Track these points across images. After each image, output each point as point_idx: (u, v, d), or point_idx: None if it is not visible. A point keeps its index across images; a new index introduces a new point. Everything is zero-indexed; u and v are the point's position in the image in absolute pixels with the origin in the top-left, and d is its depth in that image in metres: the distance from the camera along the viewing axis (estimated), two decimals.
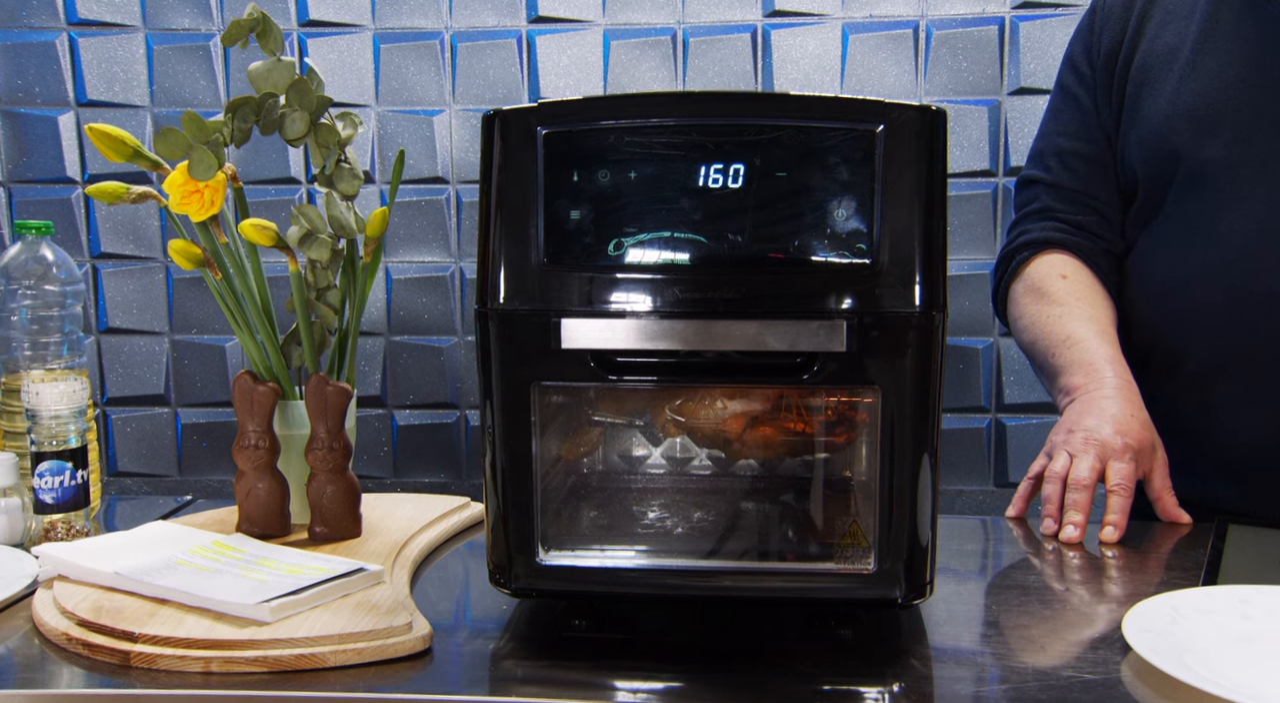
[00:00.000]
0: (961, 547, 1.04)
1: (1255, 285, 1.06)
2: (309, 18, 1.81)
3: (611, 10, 1.79)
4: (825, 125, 0.76)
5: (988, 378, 1.83)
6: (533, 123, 0.77)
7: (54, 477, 0.92)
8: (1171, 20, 1.17)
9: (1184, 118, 1.12)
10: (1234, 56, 1.11)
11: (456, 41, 1.81)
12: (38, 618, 0.80)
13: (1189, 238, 1.11)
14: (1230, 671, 0.71)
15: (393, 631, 0.76)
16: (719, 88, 1.79)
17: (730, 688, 0.72)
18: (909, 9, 1.76)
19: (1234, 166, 1.09)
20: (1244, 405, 1.08)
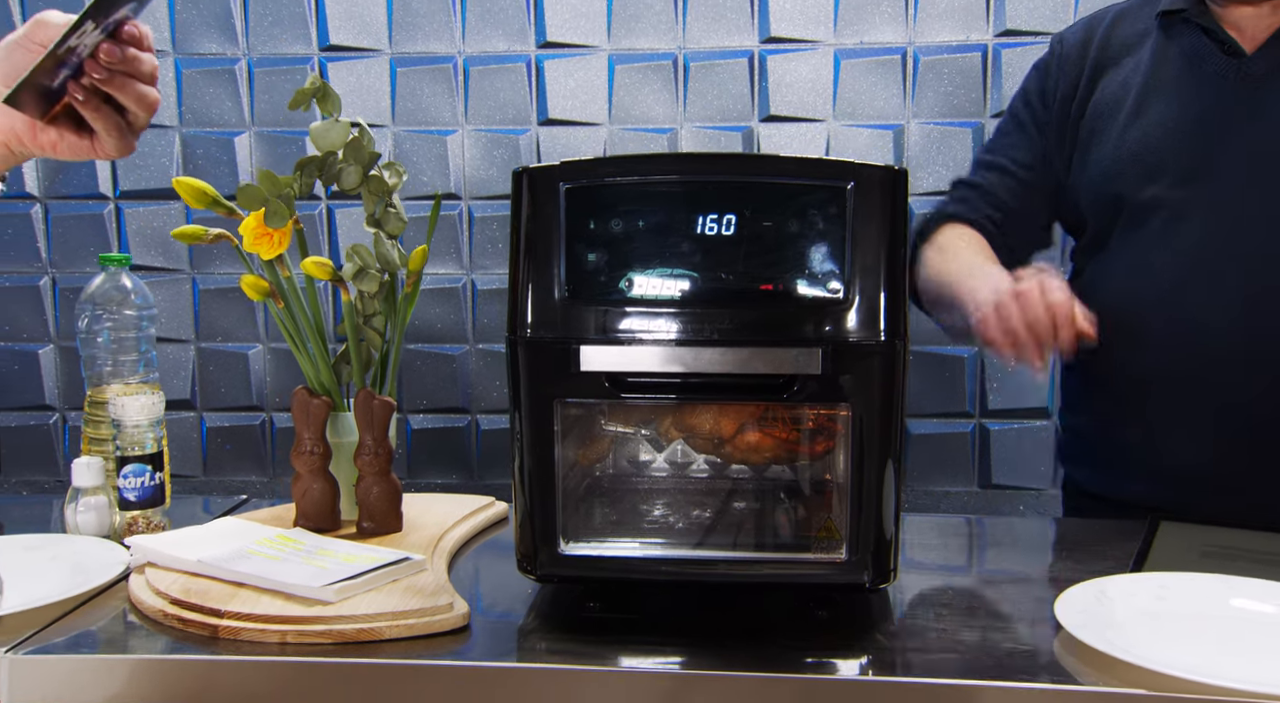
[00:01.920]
0: (925, 541, 1.21)
1: (1184, 315, 1.23)
2: (329, 43, 1.98)
3: (616, 36, 1.96)
4: (804, 182, 0.93)
5: (972, 386, 2.00)
6: (555, 179, 0.94)
7: (136, 478, 1.09)
8: (1119, 72, 1.34)
9: (1128, 163, 1.29)
10: (1173, 109, 1.28)
11: (469, 65, 1.98)
12: (135, 597, 0.97)
13: (1130, 271, 1.29)
14: (1143, 643, 0.88)
15: (437, 610, 0.94)
16: (718, 109, 1.96)
17: (723, 660, 0.89)
18: (897, 36, 1.93)
19: (1170, 208, 1.26)
20: (1176, 423, 1.25)
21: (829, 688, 0.87)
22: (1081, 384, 1.39)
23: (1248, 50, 1.26)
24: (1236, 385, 1.22)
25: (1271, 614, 0.91)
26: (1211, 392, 1.24)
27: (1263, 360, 1.20)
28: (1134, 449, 1.29)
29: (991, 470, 2.00)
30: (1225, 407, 1.23)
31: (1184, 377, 1.24)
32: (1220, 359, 1.21)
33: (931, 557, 1.17)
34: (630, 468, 1.10)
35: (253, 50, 1.99)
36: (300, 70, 1.99)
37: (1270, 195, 1.22)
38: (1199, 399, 1.24)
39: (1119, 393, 1.31)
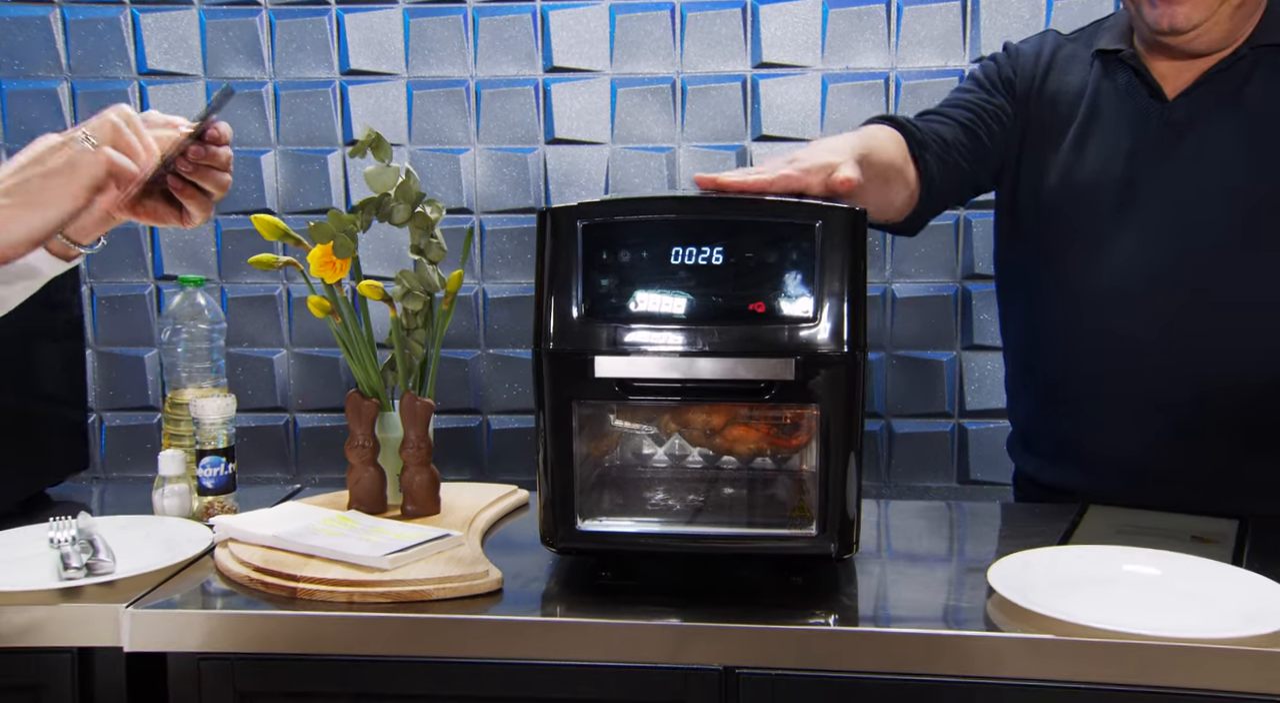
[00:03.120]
0: (887, 521, 1.47)
1: (1113, 329, 1.48)
2: (350, 67, 2.24)
3: (618, 62, 2.22)
4: (781, 221, 1.19)
5: (951, 387, 2.25)
6: (574, 217, 1.20)
7: (212, 468, 1.35)
8: (1064, 93, 1.59)
9: (1070, 192, 1.55)
10: (1108, 144, 1.54)
11: (481, 88, 2.24)
12: (222, 566, 1.23)
13: (1066, 287, 1.54)
14: (1057, 601, 1.14)
15: (475, 576, 1.19)
16: (714, 130, 2.22)
17: (714, 618, 1.15)
18: (880, 62, 2.19)
19: (1103, 234, 1.51)
20: (1108, 422, 1.50)
21: (801, 637, 1.13)
22: (1025, 384, 1.65)
23: (1169, 96, 1.51)
24: (1161, 392, 1.47)
25: (1156, 576, 1.17)
26: (1139, 397, 1.49)
27: (1184, 372, 1.45)
28: (1072, 444, 1.55)
29: (969, 467, 2.25)
30: (1152, 409, 1.49)
31: (1115, 382, 1.49)
32: (1145, 370, 1.47)
33: (891, 534, 1.43)
34: (635, 459, 1.35)
35: (278, 74, 2.25)
36: (323, 93, 2.25)
37: (1186, 229, 1.47)
38: (1128, 402, 1.50)
39: (1059, 394, 1.57)
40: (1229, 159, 1.46)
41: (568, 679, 1.15)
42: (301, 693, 1.17)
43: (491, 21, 2.22)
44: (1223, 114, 1.47)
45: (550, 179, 2.25)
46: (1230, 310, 1.45)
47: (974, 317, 2.22)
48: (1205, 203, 1.46)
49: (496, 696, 1.16)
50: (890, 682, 1.11)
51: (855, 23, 2.18)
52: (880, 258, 2.22)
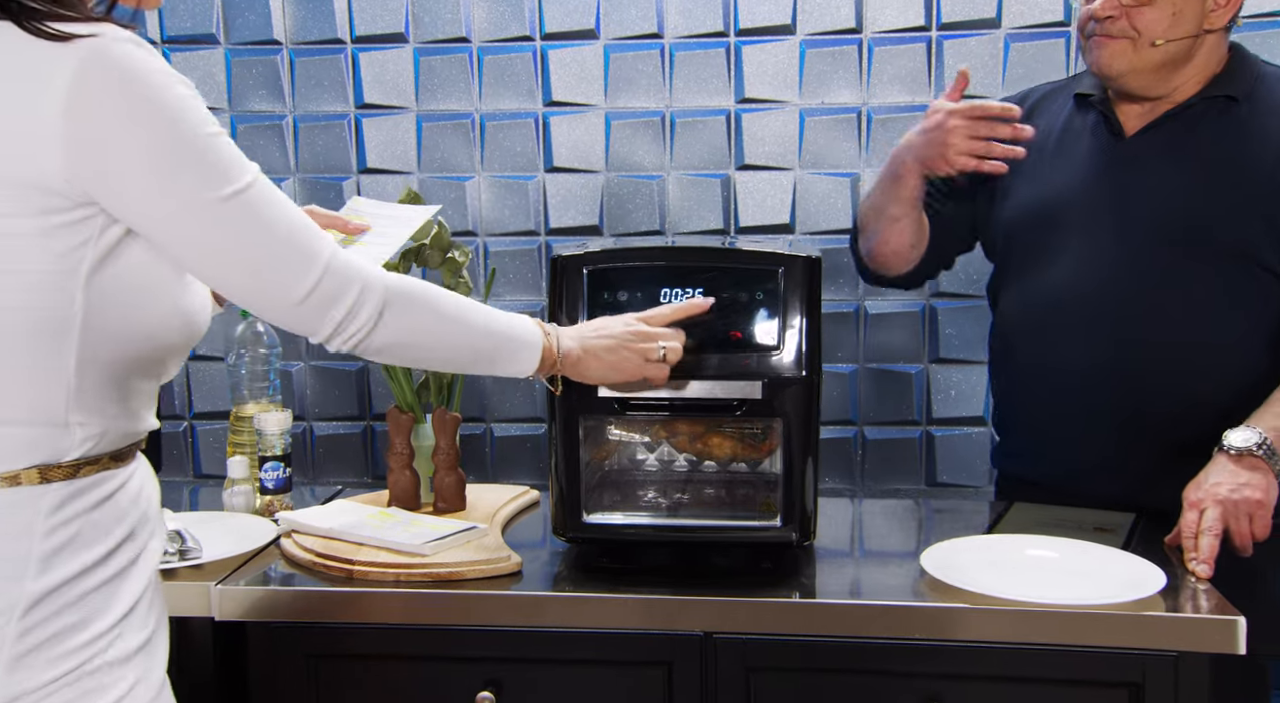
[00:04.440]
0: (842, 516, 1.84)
1: (1064, 343, 1.82)
2: (364, 101, 2.59)
3: (612, 97, 2.58)
4: (750, 267, 1.55)
5: (919, 396, 2.62)
6: (581, 264, 1.56)
7: (273, 471, 1.71)
8: (1038, 134, 1.94)
9: (1030, 213, 1.90)
10: (1068, 172, 1.88)
11: (485, 121, 2.60)
12: (287, 552, 1.59)
13: (1022, 295, 1.88)
14: (978, 577, 1.50)
15: (500, 560, 1.55)
16: (700, 159, 2.58)
17: (696, 593, 1.51)
18: (853, 98, 2.55)
19: (1058, 254, 1.85)
20: (1061, 424, 1.84)
21: (768, 608, 1.49)
22: (1002, 386, 1.99)
23: (1128, 135, 1.86)
24: (1093, 405, 1.82)
25: (1054, 557, 1.54)
26: (1075, 407, 1.84)
27: (1124, 384, 1.78)
28: (1034, 441, 1.90)
29: (937, 470, 2.62)
30: (1088, 419, 1.83)
31: (1056, 393, 1.84)
32: (1079, 384, 1.81)
33: (844, 527, 1.80)
34: (630, 463, 1.72)
35: (297, 108, 2.61)
36: (339, 125, 2.61)
37: (1119, 257, 1.81)
38: (1077, 409, 1.84)
39: (1014, 398, 1.92)
40: (1167, 196, 1.79)
41: (576, 644, 1.51)
42: (358, 655, 1.53)
43: (495, 60, 2.58)
44: (1169, 155, 1.80)
45: (549, 205, 2.61)
46: (1155, 336, 1.77)
47: (940, 332, 2.59)
48: (1141, 234, 1.79)
49: (518, 657, 1.52)
50: (840, 643, 1.48)
51: (830, 62, 2.54)
52: (854, 279, 2.58)
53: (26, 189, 1.01)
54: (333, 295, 1.17)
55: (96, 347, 1.08)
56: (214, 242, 1.10)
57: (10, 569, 1.05)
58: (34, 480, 1.07)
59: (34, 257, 1.03)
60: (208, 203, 1.08)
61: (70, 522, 1.08)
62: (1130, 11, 1.71)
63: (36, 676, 1.05)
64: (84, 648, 1.08)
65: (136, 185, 1.04)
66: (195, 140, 1.06)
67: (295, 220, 1.15)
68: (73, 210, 1.03)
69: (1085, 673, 1.44)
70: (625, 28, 2.56)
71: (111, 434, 1.13)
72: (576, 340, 1.43)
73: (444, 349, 1.33)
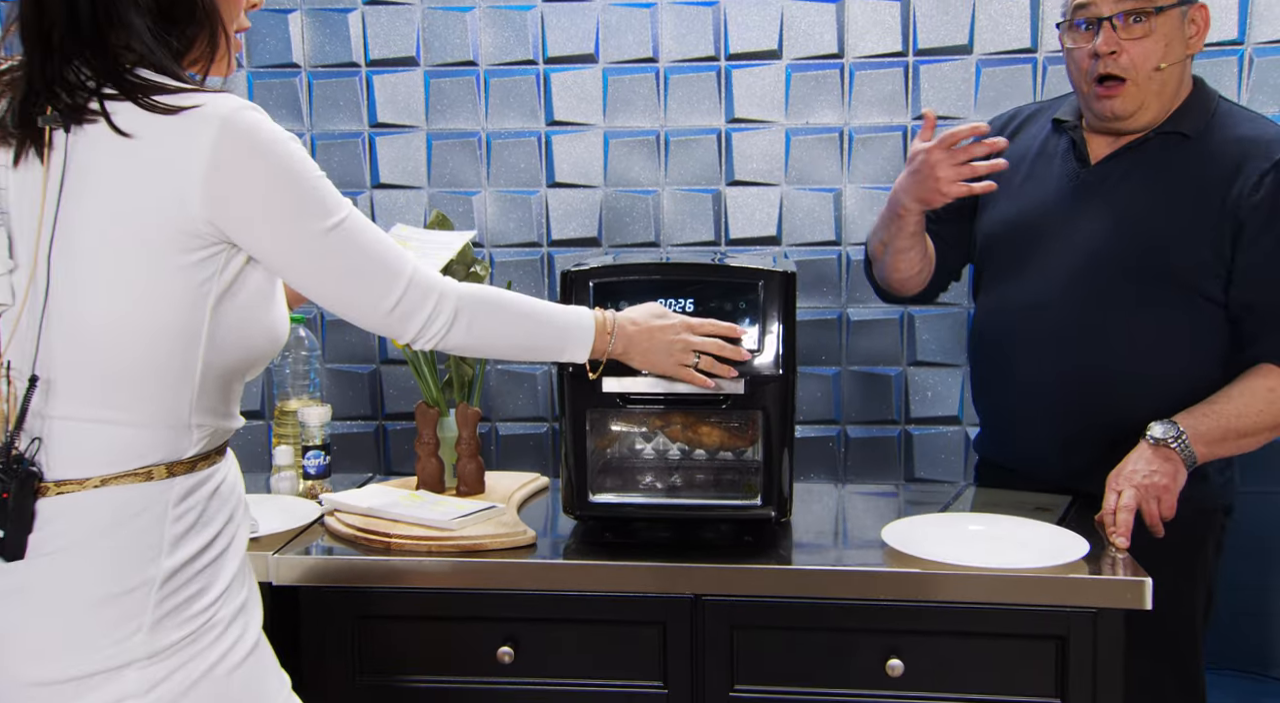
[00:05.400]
0: (817, 501, 2.21)
1: (1015, 345, 2.19)
2: (377, 121, 2.96)
3: (610, 117, 2.95)
4: (734, 281, 1.92)
5: (898, 398, 3.00)
6: (587, 278, 1.93)
7: (315, 459, 2.08)
8: (1014, 153, 2.29)
9: (1004, 228, 2.26)
10: (1038, 191, 2.25)
11: (491, 139, 2.97)
12: (331, 528, 1.96)
13: (995, 302, 2.25)
14: (931, 548, 1.87)
15: (517, 534, 1.92)
16: (692, 175, 2.95)
17: (687, 561, 1.87)
18: (835, 119, 2.93)
19: (1024, 265, 2.22)
20: (1023, 417, 2.21)
21: (750, 574, 1.86)
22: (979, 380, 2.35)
23: (1093, 161, 2.22)
24: (1062, 403, 2.15)
25: (993, 531, 1.92)
26: (1047, 402, 2.18)
27: (1081, 385, 2.13)
28: (1005, 431, 2.26)
29: (915, 467, 2.99)
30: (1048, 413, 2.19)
31: (1031, 388, 2.17)
32: (1040, 383, 2.17)
33: (818, 509, 2.17)
34: (630, 452, 2.08)
35: (315, 127, 2.98)
36: (354, 143, 2.98)
37: (1078, 272, 2.16)
38: (1041, 405, 2.18)
39: (1002, 391, 2.27)
40: (1121, 219, 2.14)
41: (583, 605, 1.87)
42: (395, 615, 1.89)
43: (500, 82, 2.95)
44: (1125, 183, 2.16)
45: (551, 218, 2.98)
46: (1108, 344, 2.13)
47: (917, 337, 2.96)
48: (1095, 257, 2.14)
49: (533, 617, 1.88)
50: (812, 603, 1.84)
51: (814, 85, 2.92)
52: (837, 287, 2.96)
53: (175, 233, 1.37)
54: (415, 305, 1.54)
55: (214, 358, 1.44)
56: (321, 265, 1.47)
57: (149, 551, 1.40)
58: (162, 476, 1.43)
59: (177, 285, 1.39)
60: (316, 234, 1.44)
61: (191, 509, 1.44)
62: (1129, 47, 2.06)
63: (171, 634, 1.41)
64: (203, 612, 1.44)
65: (264, 226, 1.41)
66: (307, 187, 1.42)
67: (383, 243, 1.52)
68: (208, 248, 1.39)
69: (1020, 628, 1.81)
70: (623, 52, 2.93)
71: (218, 433, 1.49)
72: (624, 341, 1.80)
73: (509, 343, 1.70)
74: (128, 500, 1.40)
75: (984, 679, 1.82)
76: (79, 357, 1.39)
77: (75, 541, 1.39)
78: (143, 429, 1.42)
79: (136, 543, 1.40)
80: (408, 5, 2.94)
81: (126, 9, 1.39)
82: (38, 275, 1.39)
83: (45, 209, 1.38)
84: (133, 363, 1.40)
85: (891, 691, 1.83)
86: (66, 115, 1.37)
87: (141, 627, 1.38)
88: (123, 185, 1.37)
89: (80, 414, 1.40)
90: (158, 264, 1.37)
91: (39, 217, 1.38)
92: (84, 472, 1.40)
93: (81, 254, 1.37)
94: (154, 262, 1.37)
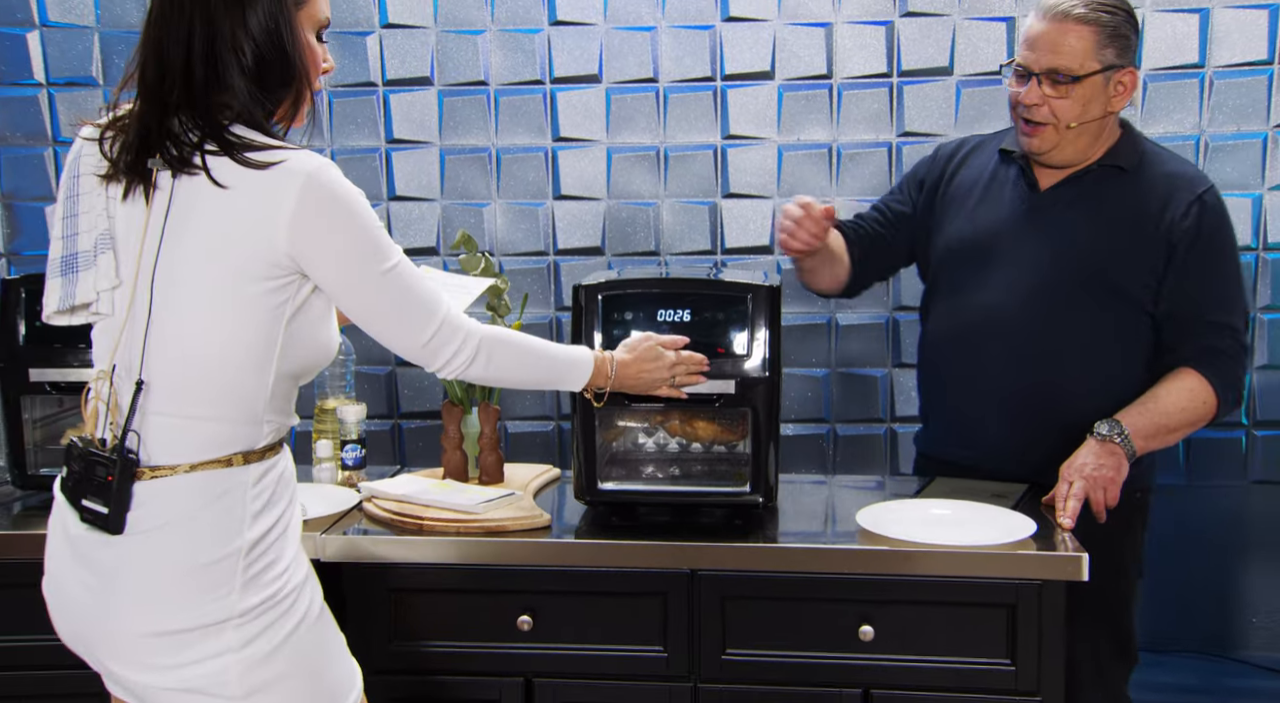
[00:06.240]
0: (799, 489, 2.62)
1: (971, 352, 2.60)
2: (393, 137, 3.37)
3: (613, 133, 3.36)
4: (726, 293, 2.32)
5: (884, 397, 3.40)
6: (596, 292, 2.33)
7: (352, 452, 2.48)
8: (968, 176, 2.71)
9: (958, 246, 2.67)
10: (990, 215, 2.66)
11: (500, 154, 3.37)
12: (369, 513, 2.37)
13: (953, 310, 2.65)
14: (901, 528, 2.27)
15: (534, 517, 2.33)
16: (690, 188, 3.35)
17: (684, 540, 2.27)
18: (825, 135, 3.33)
19: (976, 282, 2.63)
20: (967, 418, 2.63)
21: (739, 551, 2.26)
22: (929, 385, 2.77)
23: (1042, 189, 2.62)
24: (1007, 400, 2.58)
25: (954, 514, 2.32)
26: (992, 401, 2.60)
27: (1023, 389, 2.56)
28: (954, 430, 2.67)
29: (899, 462, 3.40)
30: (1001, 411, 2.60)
31: (983, 392, 2.60)
32: (995, 385, 2.58)
33: (805, 499, 2.57)
34: (633, 445, 2.49)
35: (335, 142, 3.38)
36: (372, 157, 3.38)
37: (1029, 287, 2.57)
38: (991, 407, 2.61)
39: (942, 392, 2.69)
40: (1069, 241, 2.57)
41: (593, 579, 2.27)
42: (427, 588, 2.30)
43: (510, 100, 3.36)
44: (1072, 208, 2.58)
45: (557, 228, 3.39)
46: (1057, 356, 2.56)
47: (902, 340, 3.37)
48: (1047, 273, 2.56)
49: (549, 590, 2.28)
50: (794, 577, 2.24)
51: (805, 104, 3.32)
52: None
53: (262, 265, 1.77)
54: (444, 342, 1.94)
55: (283, 366, 1.83)
56: (374, 300, 1.87)
57: (235, 525, 1.80)
58: (240, 463, 1.83)
59: (259, 307, 1.79)
60: (373, 275, 1.84)
61: (264, 490, 1.84)
62: (1051, 101, 2.47)
63: (256, 595, 1.80)
64: (279, 577, 1.83)
65: (334, 266, 1.81)
66: (370, 235, 1.82)
67: (425, 287, 1.92)
68: (285, 277, 1.79)
69: (976, 597, 2.21)
70: (625, 73, 3.34)
71: (282, 427, 1.89)
72: (617, 381, 2.22)
73: (520, 376, 2.11)
74: (213, 483, 1.80)
75: (944, 643, 2.23)
76: (176, 365, 1.79)
77: (170, 518, 1.78)
78: (225, 424, 1.81)
79: (225, 518, 1.80)
80: (423, 28, 3.34)
81: (232, 74, 1.78)
82: (138, 295, 1.78)
83: (148, 240, 1.78)
84: (220, 370, 1.79)
85: (863, 653, 2.24)
86: (173, 164, 1.77)
87: (233, 589, 1.78)
88: (220, 227, 1.76)
89: (174, 411, 1.80)
90: (245, 291, 1.77)
91: (141, 245, 1.78)
92: (175, 459, 1.80)
93: (182, 282, 1.77)
94: (242, 289, 1.77)
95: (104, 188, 1.82)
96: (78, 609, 1.82)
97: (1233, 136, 3.23)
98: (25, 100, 3.36)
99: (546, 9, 3.32)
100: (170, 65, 1.78)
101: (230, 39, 1.78)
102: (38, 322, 2.37)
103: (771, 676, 2.26)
